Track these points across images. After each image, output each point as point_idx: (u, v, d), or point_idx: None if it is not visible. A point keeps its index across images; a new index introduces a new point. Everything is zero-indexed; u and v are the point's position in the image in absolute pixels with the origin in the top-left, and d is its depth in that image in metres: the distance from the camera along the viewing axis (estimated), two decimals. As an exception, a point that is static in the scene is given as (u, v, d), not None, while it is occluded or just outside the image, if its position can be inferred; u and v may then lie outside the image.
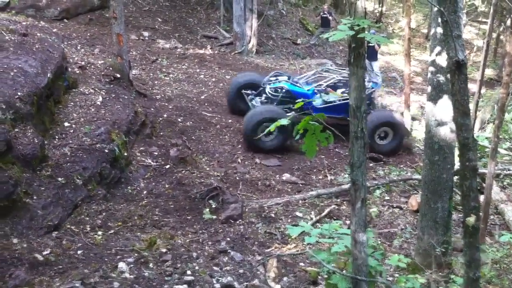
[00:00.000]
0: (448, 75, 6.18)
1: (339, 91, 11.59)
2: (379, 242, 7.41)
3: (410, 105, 13.20)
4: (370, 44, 14.87)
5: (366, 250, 4.18)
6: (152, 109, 11.19)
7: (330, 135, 4.25)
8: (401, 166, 10.97)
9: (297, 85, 11.56)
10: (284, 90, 11.24)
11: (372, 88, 11.78)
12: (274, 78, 11.82)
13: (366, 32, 3.66)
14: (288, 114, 10.35)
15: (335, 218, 8.06)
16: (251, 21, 18.34)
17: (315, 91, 11.48)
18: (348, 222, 7.42)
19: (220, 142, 10.59)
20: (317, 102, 11.29)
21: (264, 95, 11.46)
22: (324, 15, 20.65)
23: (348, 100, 10.05)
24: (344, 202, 8.76)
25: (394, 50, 23.11)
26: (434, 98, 6.48)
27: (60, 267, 5.41)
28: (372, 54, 16.42)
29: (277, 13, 22.25)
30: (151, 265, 5.70)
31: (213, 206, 7.77)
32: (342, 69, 12.83)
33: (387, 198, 9.35)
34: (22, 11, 15.01)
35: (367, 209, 6.30)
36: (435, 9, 6.35)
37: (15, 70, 7.91)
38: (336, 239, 4.74)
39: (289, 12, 22.97)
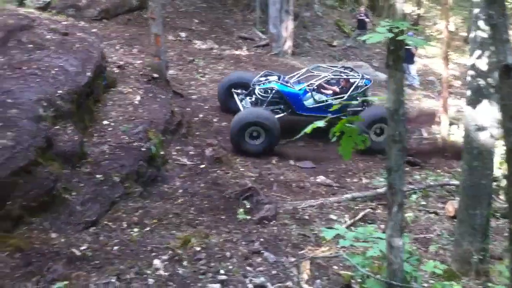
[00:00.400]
0: (488, 79, 6.11)
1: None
2: (415, 248, 7.31)
3: (448, 109, 12.98)
4: (408, 47, 14.67)
5: (402, 255, 4.15)
6: (188, 109, 11.31)
7: (366, 138, 4.23)
8: (438, 170, 10.81)
9: (288, 85, 11.36)
10: (274, 91, 11.03)
11: (366, 84, 11.58)
12: (264, 78, 11.58)
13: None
14: (277, 116, 10.57)
15: (369, 221, 7.98)
16: (287, 22, 18.33)
17: (307, 90, 11.30)
18: (383, 226, 7.34)
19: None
20: (309, 102, 11.15)
21: (254, 96, 11.25)
22: (361, 17, 20.50)
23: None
24: (379, 206, 8.67)
25: (432, 53, 22.75)
26: (473, 102, 6.36)
27: (97, 262, 5.52)
28: (409, 57, 16.22)
29: (313, 15, 22.19)
30: (185, 263, 5.76)
31: (247, 206, 7.79)
32: (333, 67, 12.70)
33: (423, 203, 9.21)
34: (63, 10, 15.35)
35: (403, 214, 6.24)
36: (475, 11, 6.25)
37: (56, 69, 8.09)
38: (371, 243, 4.71)
39: (325, 14, 22.88)
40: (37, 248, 5.47)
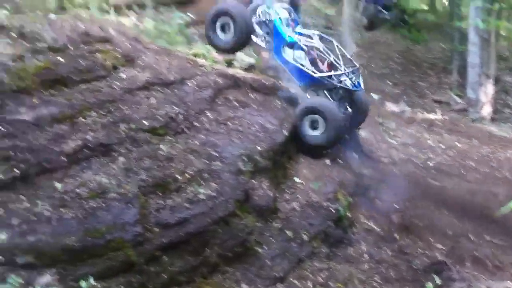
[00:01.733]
0: None
1: None
2: None
3: None
4: None
5: None
6: (377, 172, 11.17)
7: None
8: None
9: (285, 26, 10.95)
10: (269, 20, 10.81)
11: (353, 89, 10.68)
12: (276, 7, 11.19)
13: None
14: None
15: None
16: (487, 87, 17.39)
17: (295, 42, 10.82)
18: None
19: (447, 213, 10.05)
20: (288, 54, 10.68)
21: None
22: None
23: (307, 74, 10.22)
24: None
25: None
26: None
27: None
28: None
29: (515, 79, 20.79)
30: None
31: (437, 282, 7.36)
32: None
33: None
34: (265, 71, 16.35)
35: None
36: None
37: (256, 126, 8.62)
38: None
39: (529, 79, 21.29)
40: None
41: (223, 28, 10.37)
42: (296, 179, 8.90)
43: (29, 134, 6.01)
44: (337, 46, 11.05)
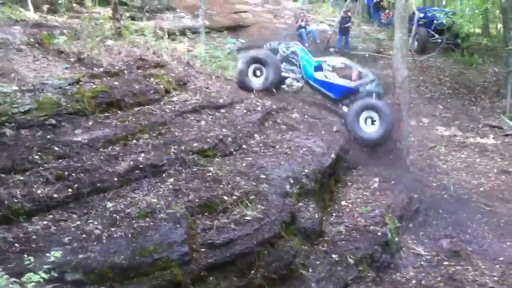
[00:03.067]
0: None
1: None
2: None
3: None
4: None
5: None
6: (426, 197, 10.99)
7: None
8: None
9: (308, 54, 12.51)
10: (293, 51, 12.29)
11: (375, 91, 12.01)
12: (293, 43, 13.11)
13: None
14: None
15: None
16: (540, 111, 16.92)
17: (321, 65, 12.37)
18: None
19: (498, 239, 9.77)
20: (319, 75, 12.07)
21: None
22: None
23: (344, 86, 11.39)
24: None
25: None
26: None
27: None
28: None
29: None
30: None
31: (487, 309, 7.16)
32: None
33: None
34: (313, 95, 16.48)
35: None
36: None
37: (304, 149, 8.70)
38: None
39: None
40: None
41: (255, 73, 11.53)
42: (343, 202, 8.91)
43: (83, 155, 6.28)
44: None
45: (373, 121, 11.38)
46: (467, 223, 10.19)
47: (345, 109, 12.05)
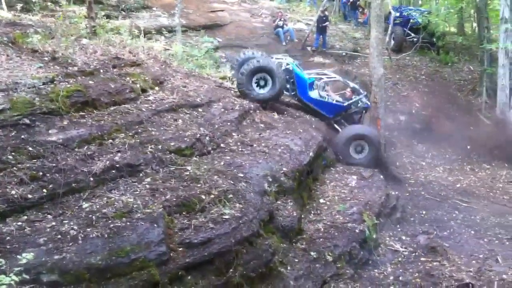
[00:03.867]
0: None
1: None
2: None
3: None
4: None
5: None
6: (403, 193, 11.10)
7: None
8: None
9: (301, 70, 12.26)
10: (287, 68, 11.82)
11: (365, 107, 12.24)
12: (282, 56, 12.79)
13: None
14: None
15: None
16: (516, 108, 17.19)
17: (315, 82, 12.32)
18: None
19: (475, 235, 9.90)
20: (314, 93, 12.01)
21: None
22: None
23: (339, 105, 11.42)
24: None
25: None
26: None
27: None
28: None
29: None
30: None
31: (464, 304, 7.24)
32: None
33: None
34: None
35: None
36: None
37: (282, 147, 8.70)
38: None
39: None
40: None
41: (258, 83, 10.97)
42: (322, 200, 8.93)
43: (58, 155, 6.17)
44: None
45: (362, 149, 11.45)
46: (444, 220, 10.31)
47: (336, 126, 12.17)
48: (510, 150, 14.23)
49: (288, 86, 11.74)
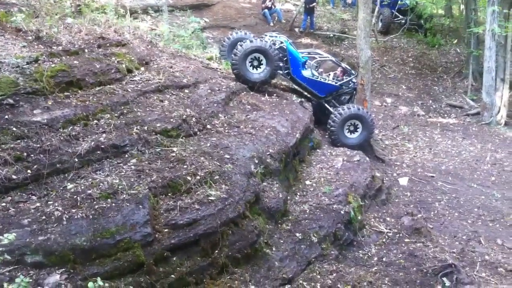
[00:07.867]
0: None
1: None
2: None
3: None
4: None
5: None
6: (389, 175, 11.17)
7: None
8: None
9: (294, 48, 12.18)
10: (281, 46, 11.70)
11: (355, 87, 12.29)
12: (276, 34, 12.78)
13: None
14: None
15: None
16: (502, 91, 17.29)
17: (308, 61, 12.32)
18: None
19: (458, 216, 10.02)
20: (307, 72, 11.97)
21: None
22: None
23: (331, 84, 11.61)
24: None
25: None
26: None
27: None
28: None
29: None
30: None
31: (446, 284, 7.33)
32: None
33: None
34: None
35: None
36: None
37: (268, 129, 8.68)
38: None
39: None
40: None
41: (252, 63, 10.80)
42: (307, 182, 8.96)
43: (42, 135, 6.12)
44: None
45: (355, 129, 11.52)
46: (428, 201, 10.41)
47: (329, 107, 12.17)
48: None
49: (281, 64, 11.58)
